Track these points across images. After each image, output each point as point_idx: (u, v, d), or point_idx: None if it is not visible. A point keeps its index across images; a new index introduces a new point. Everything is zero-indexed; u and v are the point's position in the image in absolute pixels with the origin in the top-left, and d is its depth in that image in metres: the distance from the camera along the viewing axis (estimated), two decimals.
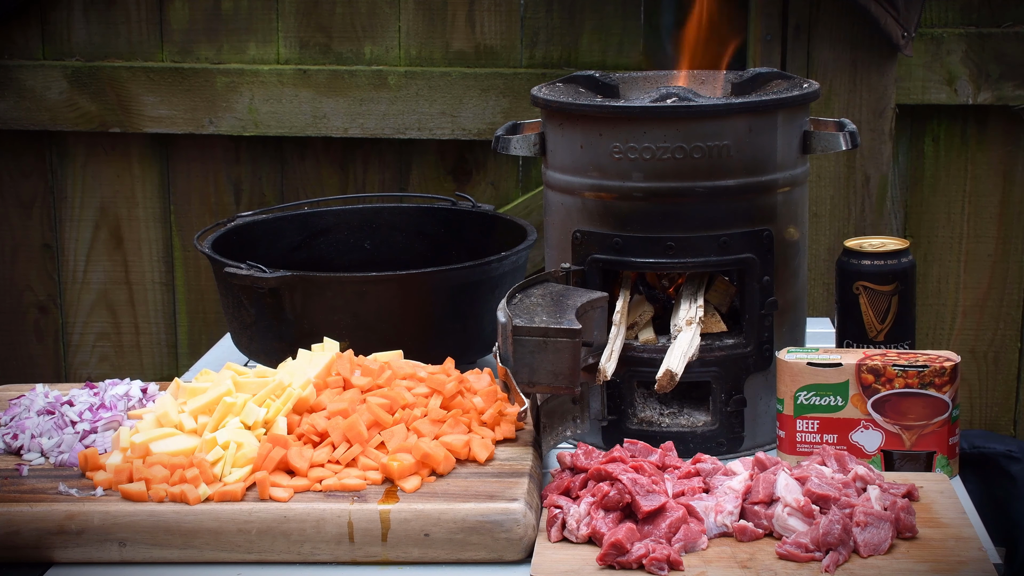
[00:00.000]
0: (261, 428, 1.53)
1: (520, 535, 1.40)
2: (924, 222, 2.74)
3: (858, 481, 1.46)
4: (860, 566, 1.34)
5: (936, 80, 2.64)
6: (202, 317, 2.88)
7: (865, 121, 2.58)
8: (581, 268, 1.66)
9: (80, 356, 2.91)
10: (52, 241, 2.87)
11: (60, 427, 1.60)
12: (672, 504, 1.40)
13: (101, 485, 1.46)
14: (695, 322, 1.62)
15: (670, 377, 1.55)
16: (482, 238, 2.07)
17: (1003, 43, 2.62)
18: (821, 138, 1.66)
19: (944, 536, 1.40)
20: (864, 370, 1.55)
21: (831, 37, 2.58)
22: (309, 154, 2.78)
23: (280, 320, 1.81)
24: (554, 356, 1.50)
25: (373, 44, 2.73)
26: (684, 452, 1.58)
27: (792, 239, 1.68)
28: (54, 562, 1.42)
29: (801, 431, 1.58)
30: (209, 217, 2.83)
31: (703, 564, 1.36)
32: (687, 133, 1.59)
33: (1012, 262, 2.73)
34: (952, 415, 1.56)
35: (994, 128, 2.69)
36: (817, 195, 2.61)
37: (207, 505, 1.42)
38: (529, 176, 2.78)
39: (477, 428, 1.55)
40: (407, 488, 1.44)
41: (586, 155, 1.64)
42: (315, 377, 1.60)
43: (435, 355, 1.71)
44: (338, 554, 1.41)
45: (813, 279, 2.63)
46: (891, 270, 1.68)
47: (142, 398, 1.69)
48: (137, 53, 2.76)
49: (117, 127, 2.76)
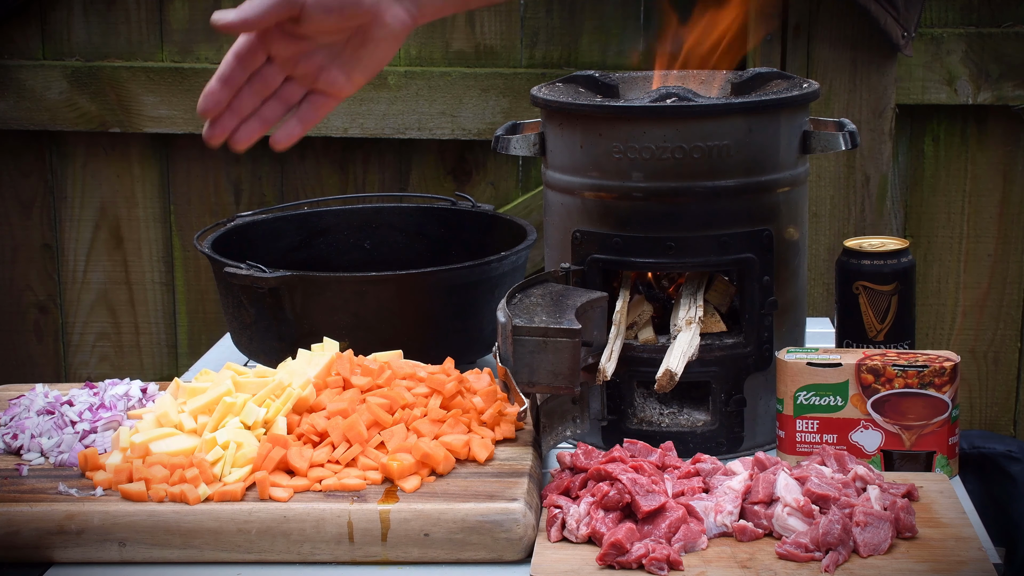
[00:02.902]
0: (261, 428, 1.53)
1: (520, 535, 1.40)
2: (924, 222, 2.74)
3: (858, 481, 1.46)
4: (860, 566, 1.34)
5: (936, 80, 2.64)
6: (202, 317, 2.88)
7: (865, 121, 2.59)
8: (581, 268, 1.66)
9: (80, 356, 2.91)
10: (52, 241, 2.87)
11: (60, 427, 1.60)
12: (672, 504, 1.41)
13: (101, 485, 1.46)
14: (695, 322, 1.62)
15: (670, 377, 1.55)
16: (482, 238, 2.07)
17: (1003, 43, 2.62)
18: (821, 138, 1.66)
19: (944, 536, 1.40)
20: (864, 370, 1.56)
21: (831, 37, 2.58)
22: (309, 154, 2.79)
23: (280, 320, 1.81)
24: (554, 356, 1.50)
25: None
26: (684, 452, 1.58)
27: (792, 239, 1.68)
28: (54, 562, 1.42)
29: (801, 431, 1.58)
30: (209, 217, 2.83)
31: (703, 564, 1.36)
32: (687, 133, 1.59)
33: (1012, 262, 2.73)
34: (952, 415, 1.56)
35: (994, 128, 2.69)
36: (817, 195, 2.61)
37: (207, 505, 1.42)
38: (529, 176, 2.78)
39: (477, 428, 1.55)
40: (407, 488, 1.44)
41: (586, 155, 1.64)
42: (315, 377, 1.60)
43: (435, 355, 1.71)
44: (338, 554, 1.41)
45: (813, 279, 2.63)
46: (891, 270, 1.68)
47: (142, 398, 1.69)
48: (137, 53, 2.76)
49: (117, 127, 2.76)
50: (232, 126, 1.42)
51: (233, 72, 1.39)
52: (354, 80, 1.43)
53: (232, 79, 1.39)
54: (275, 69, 1.42)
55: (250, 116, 1.42)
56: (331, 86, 1.43)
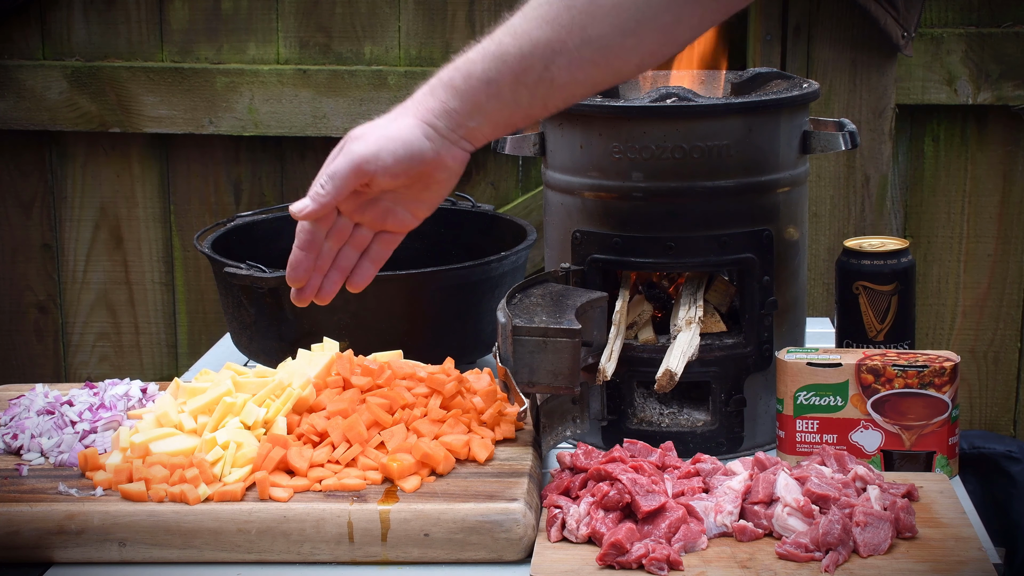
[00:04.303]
0: (261, 428, 1.53)
1: (520, 535, 1.40)
2: (924, 222, 2.74)
3: (858, 481, 1.46)
4: (860, 566, 1.34)
5: (936, 80, 2.64)
6: (202, 317, 2.88)
7: (865, 121, 2.59)
8: (581, 268, 1.66)
9: (80, 356, 2.91)
10: (52, 241, 2.87)
11: (60, 427, 1.60)
12: (672, 504, 1.41)
13: (101, 485, 1.46)
14: (695, 322, 1.62)
15: (669, 377, 1.55)
16: (482, 238, 2.07)
17: (1003, 43, 2.62)
18: (821, 138, 1.66)
19: (944, 536, 1.40)
20: (864, 370, 1.56)
21: (831, 37, 2.58)
22: (309, 154, 2.79)
23: (280, 320, 1.81)
24: (554, 356, 1.50)
25: (373, 44, 2.73)
26: (684, 452, 1.58)
27: (792, 239, 1.68)
28: (54, 562, 1.42)
29: (801, 431, 1.58)
30: (209, 217, 2.83)
31: (703, 564, 1.36)
32: (687, 133, 1.59)
33: (1012, 262, 2.73)
34: (952, 415, 1.56)
35: (994, 128, 2.69)
36: (817, 195, 2.61)
37: (207, 505, 1.42)
38: (529, 176, 2.78)
39: (477, 428, 1.55)
40: (407, 488, 1.44)
41: (586, 155, 1.64)
42: (315, 377, 1.60)
43: (435, 355, 1.71)
44: (338, 554, 1.41)
45: (813, 279, 2.63)
46: (891, 270, 1.68)
47: (142, 398, 1.69)
48: (137, 53, 2.76)
49: (117, 127, 2.76)
50: (318, 284, 1.48)
51: (312, 237, 1.45)
52: (418, 216, 1.49)
53: (313, 243, 1.46)
54: (345, 221, 1.47)
55: (330, 269, 1.48)
56: (398, 226, 1.49)
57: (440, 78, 1.42)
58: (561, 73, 1.39)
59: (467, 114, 1.41)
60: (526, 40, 1.38)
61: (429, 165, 1.43)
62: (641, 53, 1.40)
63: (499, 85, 1.39)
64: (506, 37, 1.40)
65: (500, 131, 1.45)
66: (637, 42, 1.39)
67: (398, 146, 1.41)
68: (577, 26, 1.37)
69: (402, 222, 1.49)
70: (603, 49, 1.38)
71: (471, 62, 1.41)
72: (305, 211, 1.42)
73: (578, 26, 1.37)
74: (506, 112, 1.42)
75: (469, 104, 1.41)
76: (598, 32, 1.37)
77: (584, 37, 1.38)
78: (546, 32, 1.38)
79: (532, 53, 1.38)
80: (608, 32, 1.37)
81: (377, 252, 1.50)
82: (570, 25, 1.37)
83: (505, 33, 1.40)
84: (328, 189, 1.42)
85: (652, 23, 1.38)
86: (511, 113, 1.43)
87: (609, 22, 1.37)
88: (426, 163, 1.43)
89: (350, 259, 1.49)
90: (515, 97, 1.40)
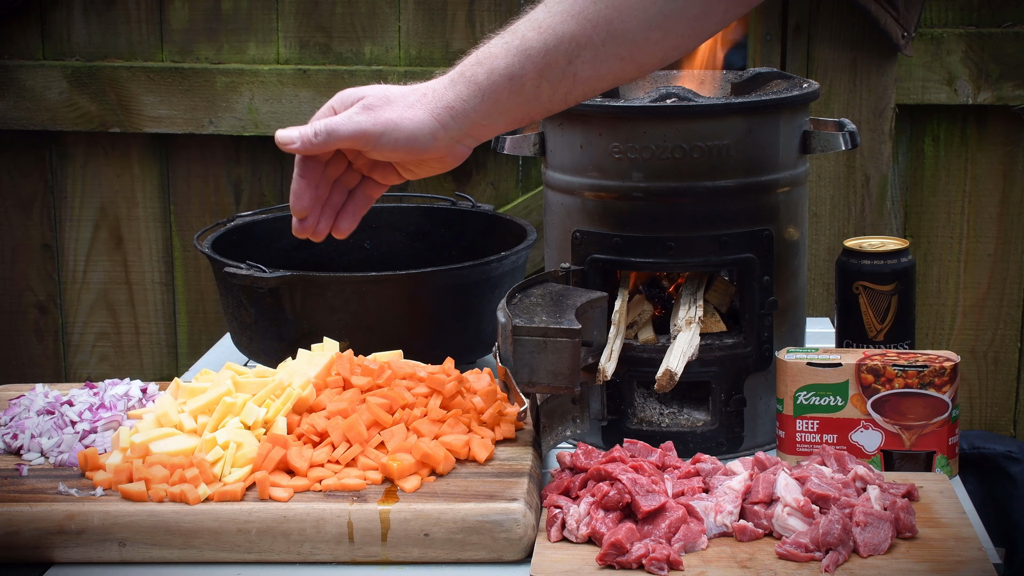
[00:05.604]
0: (261, 428, 1.53)
1: (520, 535, 1.40)
2: (924, 222, 2.74)
3: (858, 481, 1.46)
4: (860, 566, 1.34)
5: (936, 80, 2.64)
6: (202, 317, 2.88)
7: (865, 121, 2.59)
8: (581, 268, 1.66)
9: (80, 356, 2.91)
10: (52, 241, 2.87)
11: (60, 427, 1.60)
12: (672, 504, 1.41)
13: (101, 485, 1.46)
14: (695, 322, 1.62)
15: (669, 377, 1.55)
16: (482, 238, 2.07)
17: (1003, 43, 2.62)
18: (821, 138, 1.66)
19: (944, 536, 1.40)
20: (864, 370, 1.56)
21: (831, 37, 2.58)
22: None
23: (280, 320, 1.81)
24: (554, 356, 1.50)
25: (373, 44, 2.73)
26: (684, 452, 1.58)
27: (792, 239, 1.68)
28: (54, 562, 1.42)
29: (801, 431, 1.58)
30: (209, 217, 2.83)
31: (703, 564, 1.36)
32: (687, 133, 1.59)
33: (1012, 262, 2.73)
34: (952, 415, 1.56)
35: (994, 128, 2.69)
36: (817, 195, 2.61)
37: (207, 505, 1.42)
38: (529, 176, 2.78)
39: (477, 428, 1.55)
40: (407, 488, 1.44)
41: (586, 155, 1.64)
42: (315, 377, 1.60)
43: (435, 355, 1.71)
44: (338, 554, 1.41)
45: (813, 279, 2.63)
46: (891, 270, 1.68)
47: (142, 398, 1.69)
48: (137, 53, 2.76)
49: (117, 127, 2.76)
50: (318, 216, 1.51)
51: (314, 163, 1.48)
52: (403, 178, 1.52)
53: (313, 171, 1.48)
54: (341, 154, 1.49)
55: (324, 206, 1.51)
56: (383, 178, 1.51)
57: (462, 72, 1.41)
58: (585, 68, 1.38)
59: (484, 114, 1.41)
60: (551, 35, 1.37)
61: (428, 155, 1.45)
62: (665, 47, 1.40)
63: (522, 80, 1.39)
64: (530, 31, 1.39)
65: (514, 126, 1.45)
66: (663, 35, 1.38)
67: (402, 136, 1.42)
68: (603, 20, 1.36)
69: (388, 177, 1.51)
70: (629, 43, 1.37)
71: (494, 57, 1.39)
72: (291, 146, 1.44)
73: (604, 20, 1.36)
74: (526, 107, 1.42)
75: (489, 103, 1.40)
76: (624, 26, 1.36)
77: (610, 31, 1.36)
78: (571, 26, 1.37)
79: (557, 48, 1.37)
80: (635, 26, 1.36)
81: (361, 198, 1.53)
82: (596, 19, 1.36)
83: (528, 27, 1.39)
84: (319, 141, 1.43)
85: (680, 16, 1.37)
86: (531, 108, 1.42)
87: (636, 15, 1.36)
88: (426, 153, 1.44)
89: (339, 198, 1.52)
90: (537, 92, 1.40)
